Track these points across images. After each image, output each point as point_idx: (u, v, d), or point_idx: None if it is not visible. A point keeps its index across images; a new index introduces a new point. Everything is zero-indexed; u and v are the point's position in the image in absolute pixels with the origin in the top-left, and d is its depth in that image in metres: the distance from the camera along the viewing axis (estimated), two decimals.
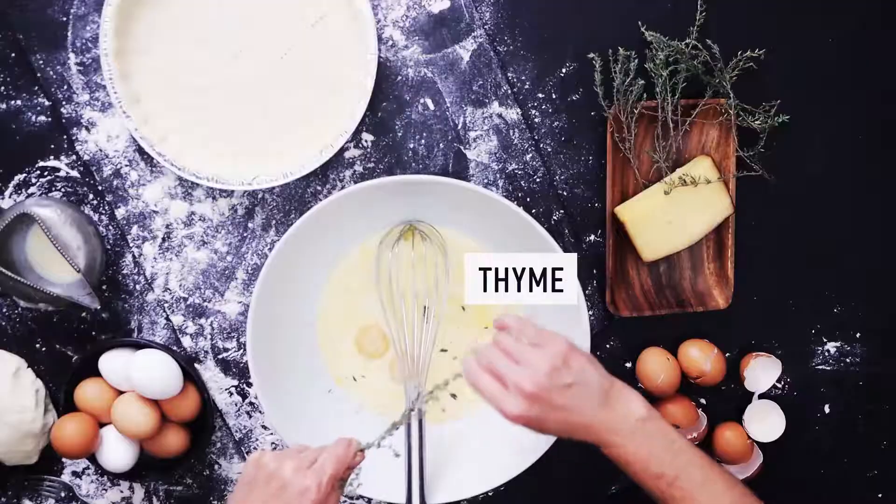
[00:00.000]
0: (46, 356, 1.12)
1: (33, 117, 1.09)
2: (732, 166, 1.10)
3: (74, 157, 1.09)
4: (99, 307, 1.05)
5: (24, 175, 1.09)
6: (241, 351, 1.13)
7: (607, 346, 1.15)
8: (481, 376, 0.89)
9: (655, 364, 1.12)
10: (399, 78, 1.10)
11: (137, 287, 1.12)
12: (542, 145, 1.11)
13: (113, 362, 1.08)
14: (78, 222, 1.05)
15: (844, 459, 1.19)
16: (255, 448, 1.15)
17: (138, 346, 1.10)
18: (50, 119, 1.09)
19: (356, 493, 0.92)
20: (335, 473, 0.88)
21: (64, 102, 1.09)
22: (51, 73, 1.08)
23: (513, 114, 1.11)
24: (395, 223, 1.09)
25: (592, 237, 1.13)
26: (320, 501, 0.87)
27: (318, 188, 1.11)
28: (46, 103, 1.09)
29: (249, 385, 1.14)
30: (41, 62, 1.08)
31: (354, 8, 1.04)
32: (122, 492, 1.15)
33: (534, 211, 1.12)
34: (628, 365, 1.15)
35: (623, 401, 0.90)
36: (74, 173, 1.10)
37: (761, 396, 1.16)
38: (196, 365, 1.13)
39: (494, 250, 1.10)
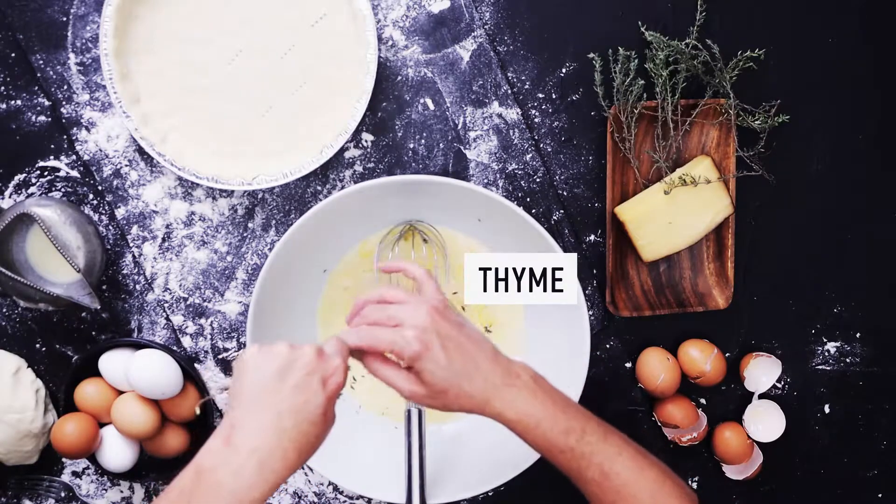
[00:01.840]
0: (46, 356, 1.12)
1: (33, 117, 1.09)
2: (732, 166, 1.10)
3: (74, 157, 1.09)
4: (99, 307, 1.05)
5: (24, 175, 1.09)
6: (241, 351, 1.13)
7: (607, 346, 1.15)
8: (373, 331, 0.85)
9: (655, 364, 1.12)
10: (399, 78, 1.10)
11: (137, 287, 1.12)
12: (542, 145, 1.11)
13: (113, 362, 1.08)
14: (78, 222, 1.05)
15: (844, 459, 1.19)
16: None
17: (138, 346, 1.10)
18: (50, 119, 1.09)
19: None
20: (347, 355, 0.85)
21: (64, 102, 1.09)
22: (51, 73, 1.08)
23: (513, 114, 1.11)
24: (395, 223, 1.09)
25: (592, 237, 1.13)
26: (343, 384, 0.83)
27: (318, 188, 1.11)
28: (46, 103, 1.09)
29: None
30: (41, 62, 1.08)
31: (354, 8, 1.04)
32: (122, 492, 1.15)
33: (534, 211, 1.12)
34: (628, 365, 1.15)
35: (510, 361, 0.86)
36: (74, 173, 1.10)
37: (761, 396, 1.16)
38: (196, 365, 1.13)
39: (494, 250, 1.10)
